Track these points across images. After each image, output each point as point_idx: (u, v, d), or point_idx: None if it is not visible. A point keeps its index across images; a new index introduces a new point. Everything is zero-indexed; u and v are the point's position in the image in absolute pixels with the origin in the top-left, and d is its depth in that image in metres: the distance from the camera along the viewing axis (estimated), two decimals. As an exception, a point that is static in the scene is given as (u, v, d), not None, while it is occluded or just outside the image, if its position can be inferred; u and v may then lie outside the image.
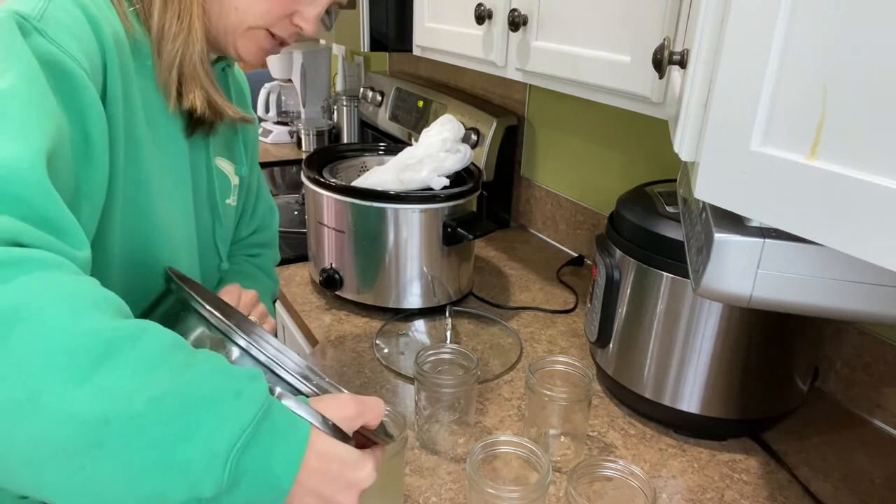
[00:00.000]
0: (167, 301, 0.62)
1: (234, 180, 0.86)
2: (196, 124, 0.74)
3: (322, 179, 1.19)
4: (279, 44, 0.74)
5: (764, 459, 0.90)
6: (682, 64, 0.59)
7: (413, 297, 1.22)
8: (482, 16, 1.07)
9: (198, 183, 0.79)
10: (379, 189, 1.16)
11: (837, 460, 0.90)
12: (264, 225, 1.01)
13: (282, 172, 2.18)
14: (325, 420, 0.51)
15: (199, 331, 0.57)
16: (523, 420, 0.95)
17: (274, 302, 1.01)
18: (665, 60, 0.61)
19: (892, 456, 0.92)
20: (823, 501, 0.82)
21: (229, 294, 0.80)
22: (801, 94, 0.46)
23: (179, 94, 0.69)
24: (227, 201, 0.86)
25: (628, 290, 0.92)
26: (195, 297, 0.58)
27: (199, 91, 0.69)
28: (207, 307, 0.57)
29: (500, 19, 1.05)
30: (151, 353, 0.46)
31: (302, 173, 1.24)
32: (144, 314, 0.61)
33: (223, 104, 0.72)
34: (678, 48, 0.61)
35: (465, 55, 1.19)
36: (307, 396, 0.54)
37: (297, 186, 1.98)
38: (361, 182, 1.22)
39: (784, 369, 0.89)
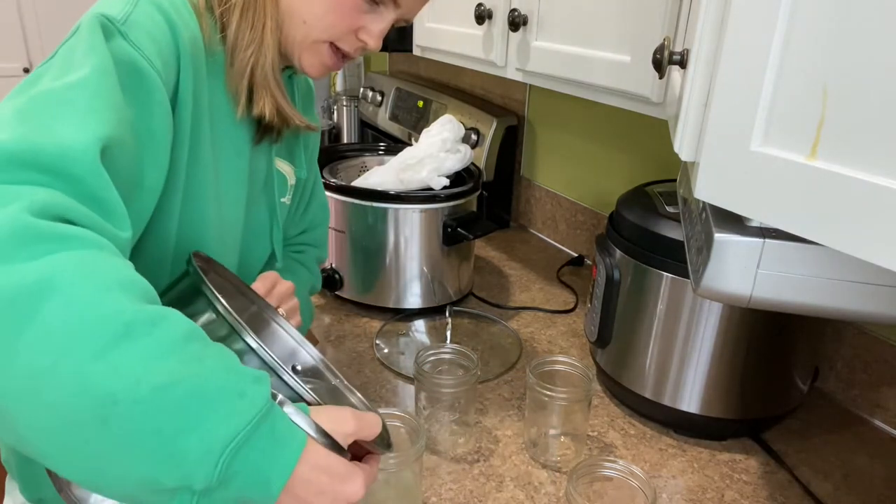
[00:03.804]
0: (183, 283, 0.62)
1: (292, 180, 0.88)
2: (264, 131, 0.76)
3: (322, 179, 1.19)
4: (342, 58, 0.75)
5: (764, 459, 0.90)
6: (682, 64, 0.59)
7: (413, 297, 1.22)
8: (482, 16, 1.07)
9: (255, 184, 0.80)
10: (379, 189, 1.16)
11: (837, 460, 0.90)
12: (315, 223, 1.01)
13: (282, 172, 2.18)
14: (322, 432, 0.52)
15: (207, 318, 0.57)
16: (523, 420, 0.95)
17: (311, 294, 1.01)
18: (665, 60, 0.61)
19: (892, 456, 0.91)
20: (823, 501, 0.82)
21: (264, 281, 0.79)
22: (801, 94, 0.45)
23: (249, 102, 0.71)
24: (283, 200, 0.87)
25: (628, 290, 0.92)
26: (209, 285, 0.58)
27: (269, 99, 0.71)
28: (221, 299, 0.56)
29: (500, 19, 1.05)
30: (166, 340, 0.47)
31: (302, 173, 1.24)
32: (162, 293, 0.60)
33: (291, 112, 0.74)
34: (678, 48, 0.61)
35: (465, 55, 1.19)
36: (308, 405, 0.54)
37: (297, 186, 1.98)
38: (361, 182, 1.22)
39: (784, 369, 0.89)
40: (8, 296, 0.43)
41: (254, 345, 0.55)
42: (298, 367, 0.73)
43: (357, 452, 0.55)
